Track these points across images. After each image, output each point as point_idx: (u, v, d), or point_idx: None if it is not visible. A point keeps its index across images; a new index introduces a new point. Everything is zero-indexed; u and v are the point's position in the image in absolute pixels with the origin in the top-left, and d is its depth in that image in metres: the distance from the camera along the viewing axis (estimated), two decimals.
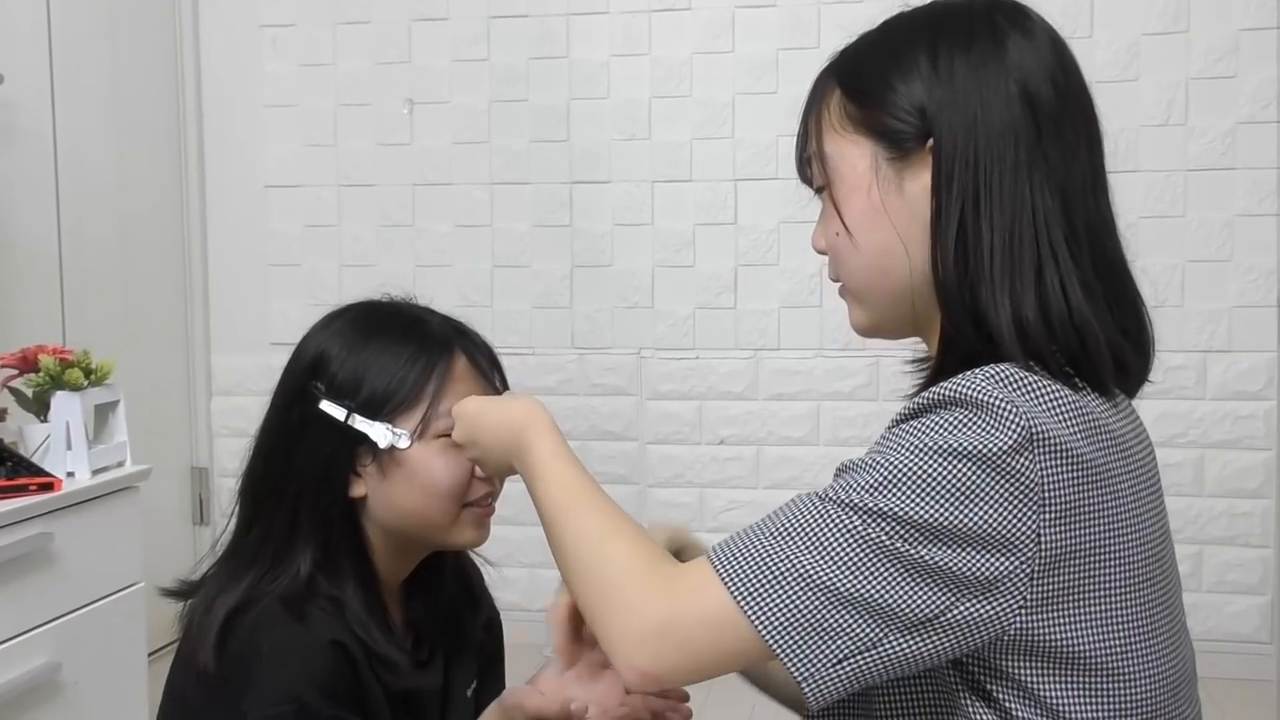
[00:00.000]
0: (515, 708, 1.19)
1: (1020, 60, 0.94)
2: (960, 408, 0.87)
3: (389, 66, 3.53)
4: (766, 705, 1.26)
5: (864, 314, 1.03)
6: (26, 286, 2.89)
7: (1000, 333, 0.91)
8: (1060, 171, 0.94)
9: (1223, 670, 3.12)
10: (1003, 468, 0.84)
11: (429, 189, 3.54)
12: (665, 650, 0.87)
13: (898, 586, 0.84)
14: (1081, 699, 0.89)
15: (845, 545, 0.85)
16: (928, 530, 0.84)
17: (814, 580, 0.85)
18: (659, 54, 3.40)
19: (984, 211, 0.92)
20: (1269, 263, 3.16)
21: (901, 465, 0.86)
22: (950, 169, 0.93)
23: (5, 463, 2.16)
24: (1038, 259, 0.92)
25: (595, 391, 3.47)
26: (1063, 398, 0.88)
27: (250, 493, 1.25)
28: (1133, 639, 0.90)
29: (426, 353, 1.22)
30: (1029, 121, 0.93)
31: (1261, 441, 3.18)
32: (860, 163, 0.98)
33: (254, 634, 1.14)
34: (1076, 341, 0.91)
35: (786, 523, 0.88)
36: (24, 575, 2.10)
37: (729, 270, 3.41)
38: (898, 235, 0.96)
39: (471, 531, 1.25)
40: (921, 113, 0.94)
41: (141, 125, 3.41)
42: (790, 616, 0.85)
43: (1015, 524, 0.84)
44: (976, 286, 0.92)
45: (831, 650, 0.85)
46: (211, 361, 3.65)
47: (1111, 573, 0.88)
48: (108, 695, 2.31)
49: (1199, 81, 3.15)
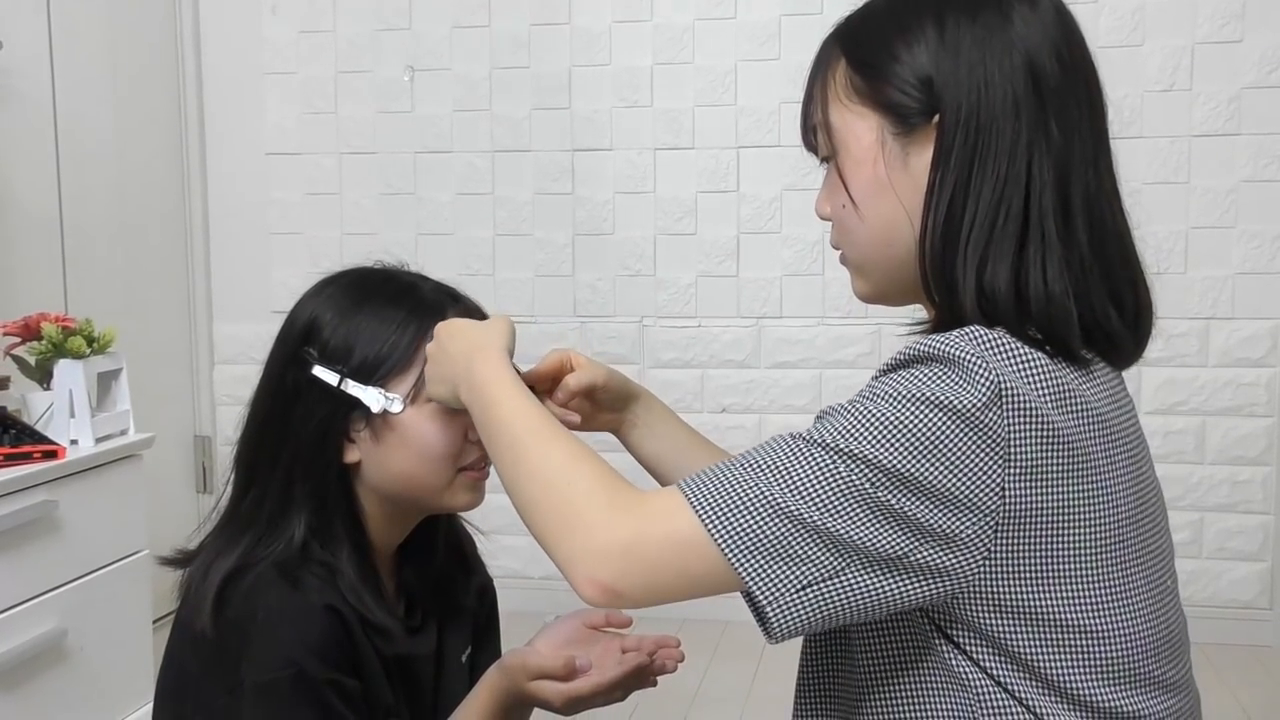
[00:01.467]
0: (517, 668, 1.20)
1: (1026, 32, 0.94)
2: (936, 363, 0.89)
3: (389, 33, 3.51)
4: (763, 705, 1.27)
5: (865, 283, 1.04)
6: (28, 255, 2.88)
7: (963, 300, 0.93)
8: (1060, 145, 0.94)
9: (1223, 636, 3.14)
10: (972, 421, 0.86)
11: (430, 156, 3.53)
12: (630, 567, 0.89)
13: (863, 524, 0.86)
14: (1049, 652, 0.91)
15: (815, 481, 0.87)
16: (896, 477, 0.86)
17: (781, 509, 0.87)
18: (660, 20, 3.38)
19: (974, 185, 0.94)
20: (1273, 229, 3.15)
21: (876, 412, 0.88)
22: (951, 143, 0.94)
23: (9, 431, 2.17)
24: (1022, 232, 0.93)
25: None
26: (1035, 361, 0.89)
27: (245, 460, 1.25)
28: (1103, 598, 0.92)
29: (419, 318, 1.22)
30: (1032, 94, 0.94)
31: (1263, 409, 3.19)
32: (866, 136, 0.98)
33: (249, 600, 1.14)
34: (1046, 316, 0.92)
35: (760, 459, 0.90)
36: (29, 543, 2.11)
37: (731, 238, 3.40)
38: (903, 209, 0.97)
39: (465, 495, 1.25)
40: (928, 87, 0.95)
41: (141, 93, 3.40)
42: (756, 541, 0.87)
43: (980, 479, 0.86)
44: (954, 258, 0.94)
45: (794, 576, 0.87)
46: (213, 330, 3.65)
47: (1079, 534, 0.90)
48: (113, 661, 2.32)
49: (1204, 46, 3.13)
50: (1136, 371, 3.22)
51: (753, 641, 2.33)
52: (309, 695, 1.11)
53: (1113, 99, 1.00)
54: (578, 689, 1.19)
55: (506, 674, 1.21)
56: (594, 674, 1.20)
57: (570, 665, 1.19)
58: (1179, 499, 3.22)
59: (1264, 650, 3.17)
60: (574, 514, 0.92)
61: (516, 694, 1.21)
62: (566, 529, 0.92)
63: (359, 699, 1.15)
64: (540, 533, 0.94)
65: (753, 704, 2.76)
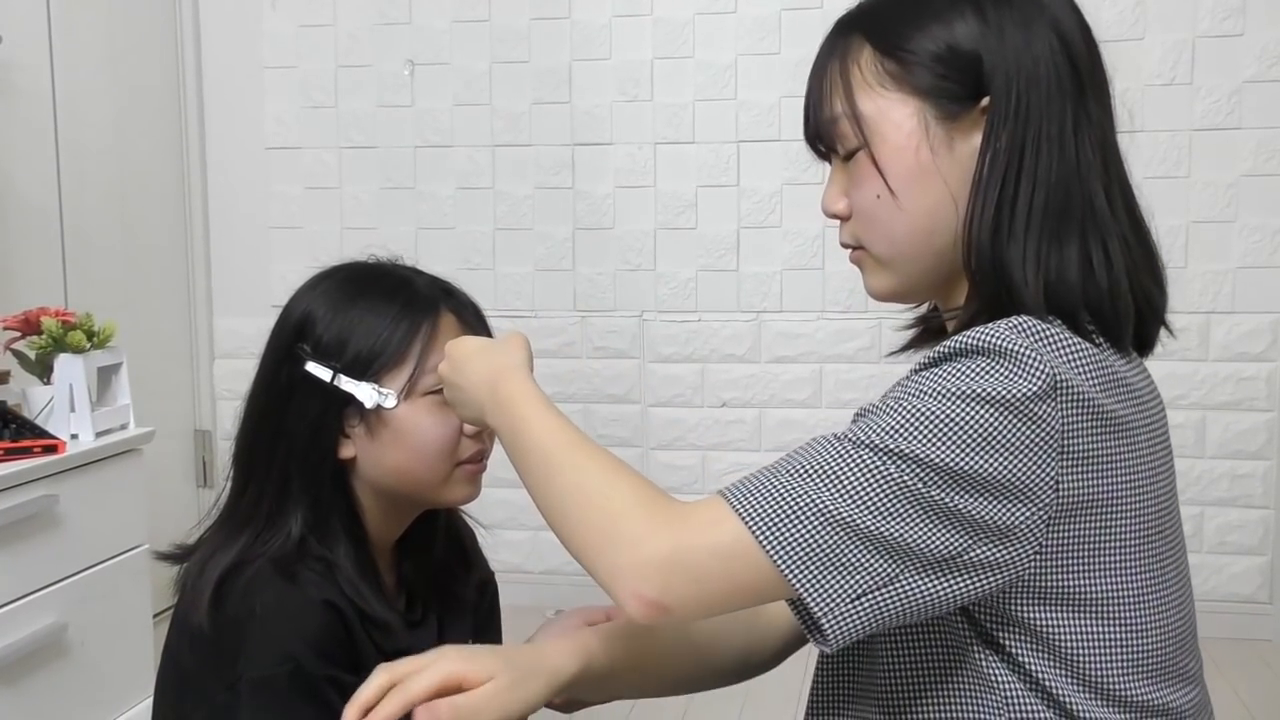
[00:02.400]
0: None
1: (1057, 14, 0.94)
2: (984, 355, 0.86)
3: (389, 27, 3.51)
4: (763, 699, 1.27)
5: (892, 278, 1.00)
6: (28, 249, 2.88)
7: (1024, 288, 0.91)
8: (1100, 126, 0.94)
9: (1223, 630, 3.14)
10: (1026, 413, 0.84)
11: (430, 151, 3.52)
12: (675, 581, 0.85)
13: (916, 526, 0.84)
14: (1094, 647, 0.90)
15: (864, 484, 0.84)
16: (948, 474, 0.84)
17: (831, 516, 0.84)
18: (661, 15, 3.37)
19: (1027, 168, 0.92)
20: (1273, 223, 3.15)
21: (923, 409, 0.85)
22: (1001, 127, 0.93)
23: (9, 425, 2.17)
24: (1082, 216, 0.92)
25: (597, 354, 3.47)
26: (1083, 350, 0.88)
27: (242, 456, 1.25)
28: (1144, 589, 0.91)
29: (412, 312, 1.21)
30: (1073, 76, 0.93)
31: (1263, 403, 3.19)
32: (906, 123, 0.95)
33: (247, 596, 1.14)
34: (1108, 300, 0.91)
35: (804, 462, 0.87)
36: (29, 537, 2.11)
37: (731, 232, 3.40)
38: (950, 195, 0.95)
39: (463, 488, 1.25)
40: (975, 70, 0.93)
41: (141, 87, 3.40)
42: (807, 550, 0.84)
43: (1035, 470, 0.84)
44: (1007, 243, 0.92)
45: (849, 584, 0.84)
46: (213, 324, 3.65)
47: (1127, 523, 0.89)
48: (114, 655, 2.33)
49: (1205, 40, 3.12)
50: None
51: None
52: (306, 691, 1.11)
53: (1114, 92, 1.00)
54: None
55: None
56: None
57: None
58: (1180, 492, 3.21)
59: (1264, 645, 3.18)
60: (614, 529, 0.88)
61: None
62: (607, 544, 0.88)
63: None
64: (579, 550, 0.91)
65: (752, 699, 2.76)
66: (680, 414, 3.45)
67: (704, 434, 3.45)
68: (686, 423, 3.45)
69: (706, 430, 3.45)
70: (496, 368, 1.05)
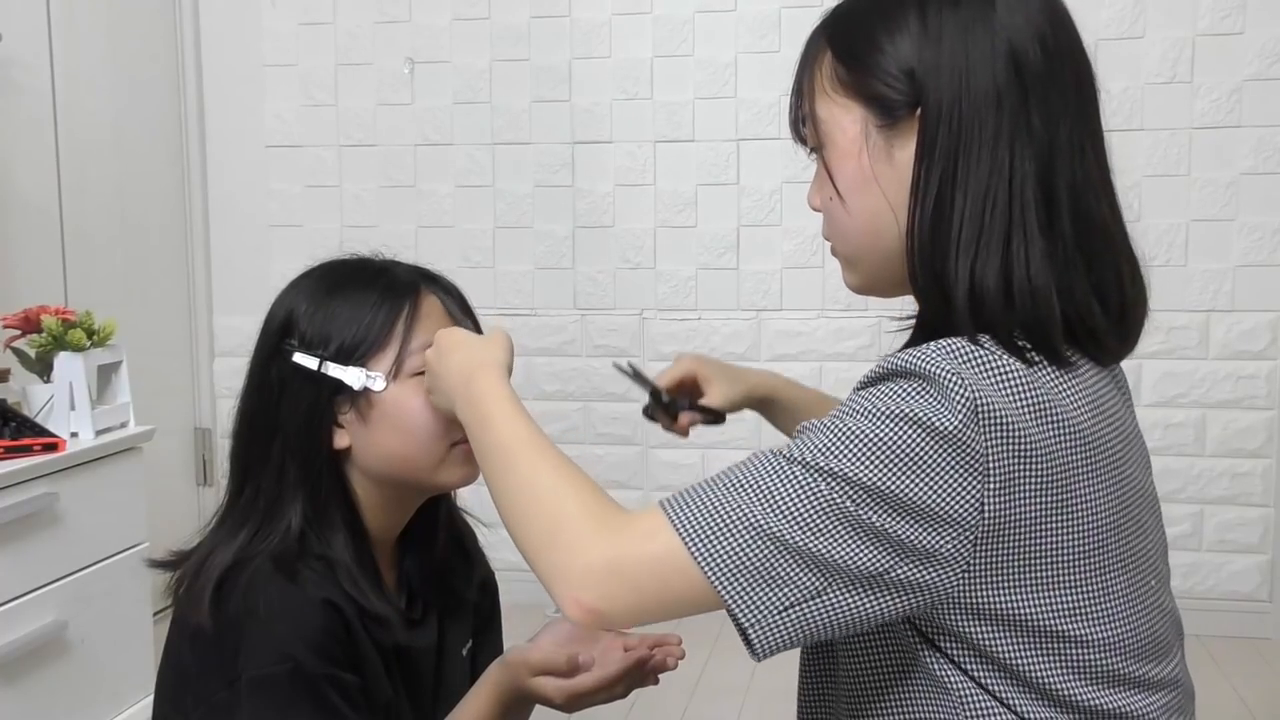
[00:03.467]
0: (519, 664, 1.20)
1: (1009, 19, 0.92)
2: (912, 379, 0.88)
3: (389, 25, 3.51)
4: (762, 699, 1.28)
5: (855, 275, 1.03)
6: (28, 247, 2.88)
7: (956, 302, 0.91)
8: (1042, 136, 0.92)
9: (1222, 628, 3.14)
10: (949, 437, 0.85)
11: (430, 149, 3.52)
12: (613, 589, 0.88)
13: (843, 543, 0.85)
14: (1035, 659, 0.91)
15: (795, 500, 0.86)
16: (875, 494, 0.85)
17: (762, 530, 0.86)
18: (661, 13, 3.37)
19: (960, 178, 0.92)
20: (1273, 221, 3.15)
21: (853, 428, 0.87)
22: (934, 135, 0.92)
23: (9, 423, 2.17)
24: (1008, 225, 0.91)
25: (597, 352, 3.47)
26: (1012, 373, 0.88)
27: (238, 457, 1.26)
28: (1082, 606, 0.91)
29: (393, 296, 1.23)
30: (1015, 84, 0.92)
31: (1263, 401, 3.19)
32: (851, 128, 0.97)
33: (247, 594, 1.14)
34: (1030, 310, 0.91)
35: (740, 477, 0.89)
36: (30, 535, 2.11)
37: (731, 231, 3.40)
38: (887, 202, 0.96)
39: (459, 469, 1.24)
40: (910, 78, 0.93)
41: (141, 84, 3.40)
42: (737, 563, 0.86)
43: (959, 495, 0.85)
44: (944, 254, 0.92)
45: (776, 598, 0.86)
46: (213, 322, 3.65)
47: (1056, 542, 0.89)
48: (114, 653, 2.33)
49: (1205, 39, 3.12)
50: (1136, 364, 3.22)
51: None
52: (306, 690, 1.11)
53: (1113, 91, 0.99)
54: (579, 685, 1.19)
55: (508, 670, 1.21)
56: (596, 670, 1.20)
57: (573, 662, 1.19)
58: (1179, 491, 3.22)
59: (1263, 643, 3.18)
60: (559, 531, 0.91)
61: (518, 690, 1.21)
62: (551, 546, 0.92)
63: (357, 694, 1.15)
64: (526, 548, 0.94)
65: (752, 698, 2.76)
66: None
67: (704, 432, 3.43)
68: None
69: (707, 428, 3.44)
70: (474, 363, 1.08)
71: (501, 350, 1.11)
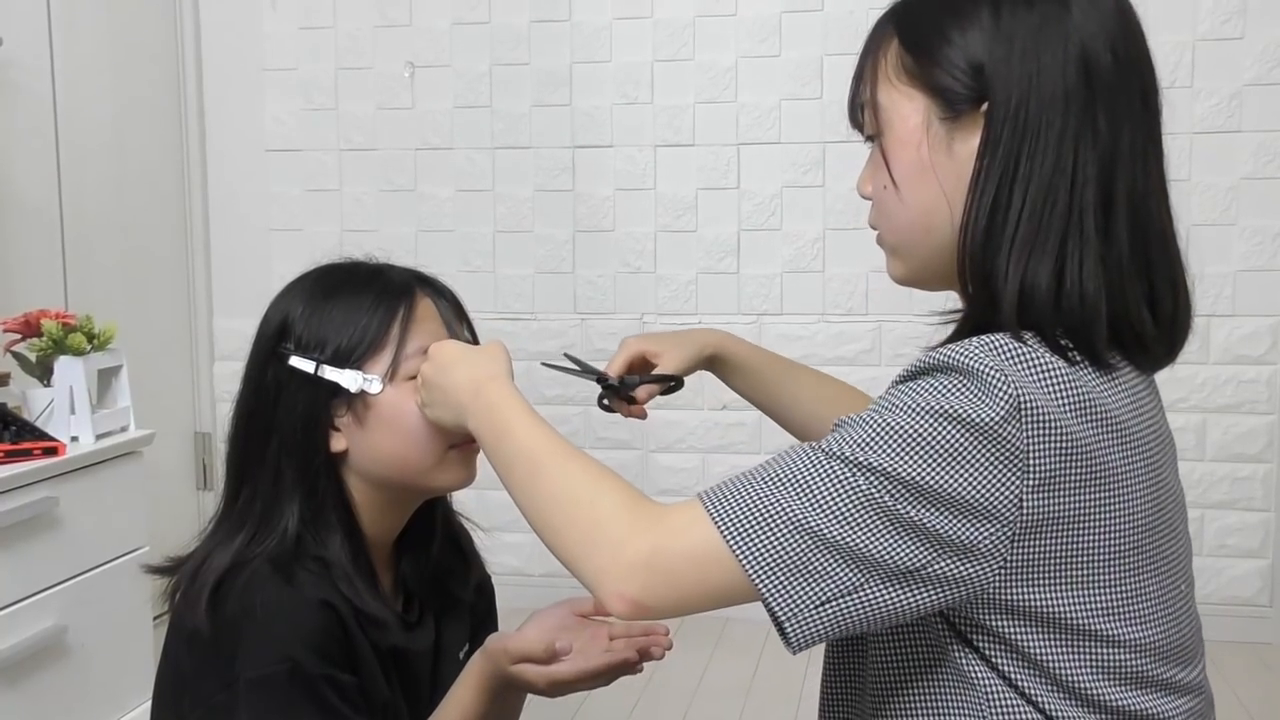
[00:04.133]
0: (498, 652, 1.20)
1: (1083, 23, 0.93)
2: (953, 374, 0.88)
3: (389, 29, 3.51)
4: (763, 701, 1.28)
5: (902, 265, 1.03)
6: (28, 250, 2.88)
7: (1002, 300, 0.92)
8: (1106, 140, 0.92)
9: (1223, 633, 3.14)
10: (990, 434, 0.85)
11: (430, 153, 3.52)
12: (653, 581, 0.89)
13: (881, 538, 0.86)
14: (1065, 657, 0.91)
15: (833, 495, 0.87)
16: (913, 488, 0.85)
17: (800, 525, 0.87)
18: (661, 16, 3.37)
19: (1021, 177, 0.92)
20: (1274, 226, 3.15)
21: (893, 423, 0.87)
22: (999, 133, 0.93)
23: (9, 427, 2.17)
24: (1065, 226, 0.92)
25: (597, 357, 3.45)
26: (1054, 370, 0.88)
27: (234, 462, 1.26)
28: (1116, 606, 0.92)
29: (388, 298, 1.23)
30: (1083, 88, 0.92)
31: (1264, 406, 3.19)
32: (912, 117, 0.97)
33: (244, 596, 1.14)
34: (1079, 313, 0.91)
35: (778, 471, 0.90)
36: (30, 539, 2.11)
37: (732, 235, 3.40)
38: (944, 194, 0.96)
39: (457, 471, 1.24)
40: (978, 73, 0.93)
41: (141, 88, 3.40)
42: (776, 557, 0.87)
43: (998, 490, 0.85)
44: (995, 252, 0.92)
45: (813, 592, 0.87)
46: (214, 326, 3.65)
47: (1094, 541, 0.90)
48: (113, 658, 2.33)
49: (1205, 43, 3.12)
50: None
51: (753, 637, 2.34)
52: (305, 690, 1.11)
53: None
54: (560, 673, 1.19)
55: (489, 658, 1.21)
56: (579, 659, 1.20)
57: (550, 648, 1.19)
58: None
59: (1264, 647, 3.18)
60: (598, 531, 0.92)
61: (501, 677, 1.21)
62: (592, 546, 0.92)
63: (355, 694, 1.15)
64: (565, 552, 0.95)
65: (753, 700, 2.76)
66: (681, 416, 3.45)
67: (704, 436, 3.45)
68: (687, 425, 3.45)
69: (707, 433, 3.45)
70: (481, 375, 1.09)
71: (503, 361, 1.12)
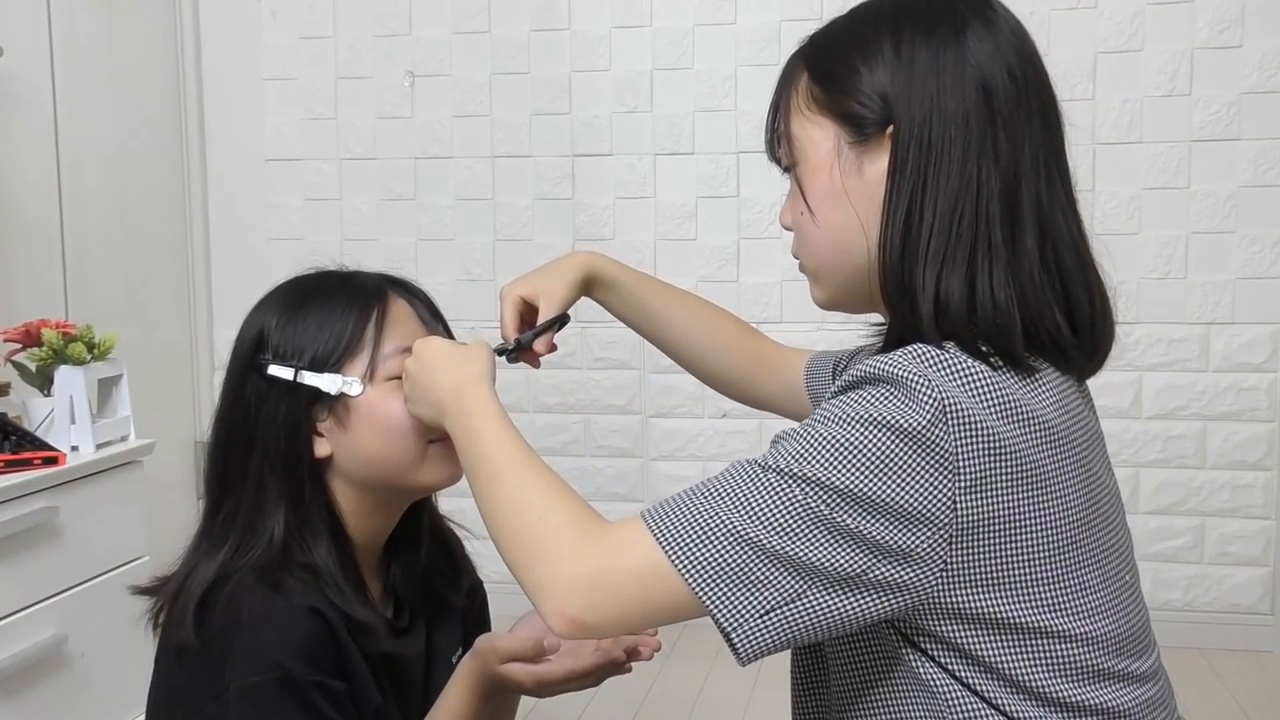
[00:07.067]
0: (487, 652, 1.21)
1: (979, 48, 0.98)
2: (880, 384, 0.91)
3: (389, 39, 3.52)
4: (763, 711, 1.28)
5: (822, 290, 1.08)
6: (28, 260, 2.88)
7: (922, 310, 0.95)
8: (1008, 155, 0.97)
9: (1224, 641, 3.14)
10: (918, 438, 0.88)
11: (430, 162, 3.53)
12: (596, 599, 0.91)
13: (820, 546, 0.88)
14: (1017, 658, 0.93)
15: (772, 506, 0.89)
16: (848, 496, 0.88)
17: (741, 536, 0.89)
18: (660, 25, 3.38)
19: (930, 193, 0.97)
20: (1273, 234, 3.15)
21: (825, 434, 0.90)
22: (905, 154, 0.98)
23: (10, 437, 2.17)
24: (974, 238, 0.96)
25: (598, 365, 3.47)
26: (976, 374, 0.91)
27: (216, 474, 1.26)
28: (1060, 601, 0.94)
29: (360, 301, 1.25)
30: (983, 108, 0.97)
31: (1264, 413, 3.19)
32: (824, 144, 1.02)
33: (231, 606, 1.14)
34: (992, 321, 0.95)
35: (717, 486, 0.92)
36: (30, 549, 2.11)
37: (731, 243, 3.40)
38: (857, 217, 1.01)
39: (441, 467, 1.24)
40: (884, 98, 0.98)
41: (142, 99, 3.40)
42: (717, 569, 0.89)
43: (931, 493, 0.88)
44: (913, 265, 0.96)
45: (756, 602, 0.89)
46: (214, 335, 3.65)
47: (1030, 539, 0.92)
48: (113, 667, 2.32)
49: (1204, 51, 3.13)
50: (1137, 376, 3.22)
51: None
52: (295, 697, 1.11)
53: (1112, 104, 1.01)
54: (548, 672, 1.20)
55: (479, 659, 1.22)
56: (567, 660, 1.20)
57: (538, 647, 1.20)
58: (1180, 504, 3.22)
59: (1265, 655, 3.17)
60: (543, 545, 0.94)
61: (490, 677, 1.21)
62: (535, 559, 0.94)
63: (346, 700, 1.15)
64: (511, 561, 0.97)
65: (753, 710, 2.76)
66: (681, 424, 3.44)
67: (704, 444, 3.45)
68: (687, 433, 3.45)
69: (707, 441, 3.45)
70: (463, 377, 1.12)
71: (485, 362, 1.14)
